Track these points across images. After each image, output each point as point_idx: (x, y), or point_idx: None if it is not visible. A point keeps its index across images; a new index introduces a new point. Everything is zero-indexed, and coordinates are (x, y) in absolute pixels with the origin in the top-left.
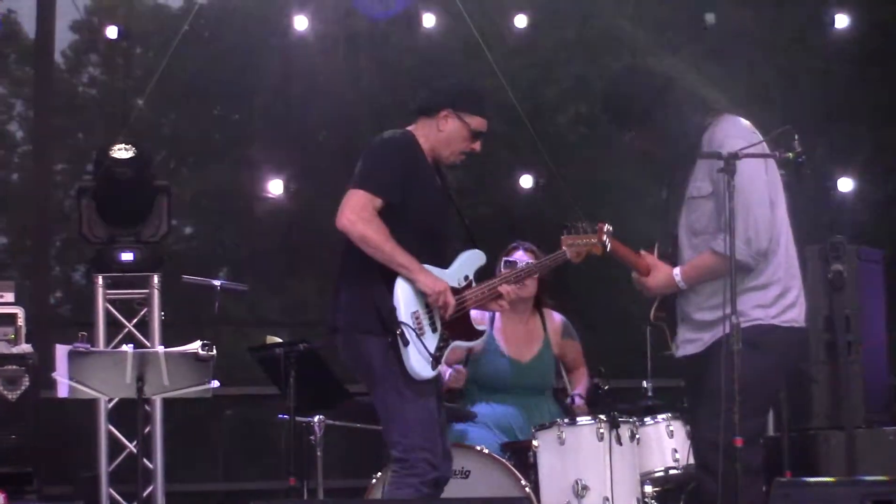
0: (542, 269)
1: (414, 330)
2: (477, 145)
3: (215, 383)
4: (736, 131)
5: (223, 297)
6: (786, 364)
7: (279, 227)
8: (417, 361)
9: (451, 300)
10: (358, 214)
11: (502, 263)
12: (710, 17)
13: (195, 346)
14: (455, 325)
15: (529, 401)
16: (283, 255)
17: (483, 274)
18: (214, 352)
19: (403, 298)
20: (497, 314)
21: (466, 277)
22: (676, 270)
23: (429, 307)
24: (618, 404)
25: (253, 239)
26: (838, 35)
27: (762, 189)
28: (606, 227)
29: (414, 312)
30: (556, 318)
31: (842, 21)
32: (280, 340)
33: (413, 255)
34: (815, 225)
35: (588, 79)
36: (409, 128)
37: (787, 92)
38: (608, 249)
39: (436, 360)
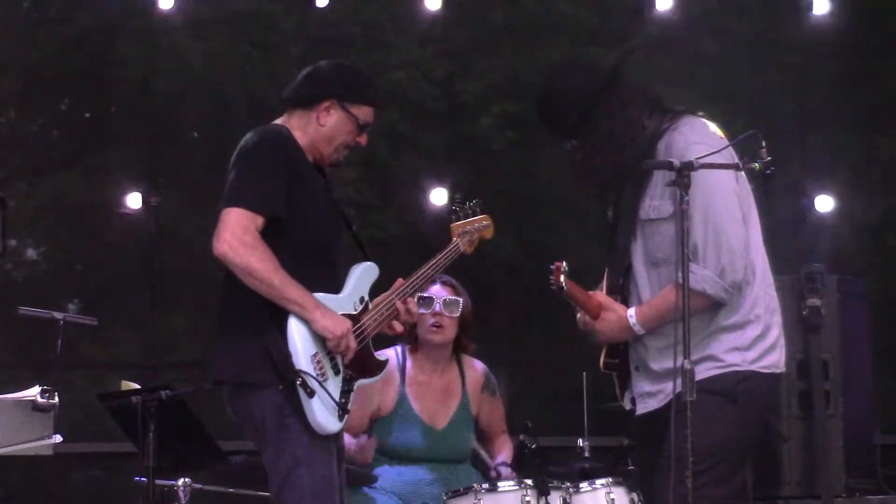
0: (437, 269)
1: (316, 378)
2: (363, 138)
3: (58, 438)
4: (699, 136)
5: (72, 333)
6: (764, 417)
7: (139, 249)
8: (323, 414)
9: (354, 343)
10: (240, 239)
11: (415, 299)
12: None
13: (33, 392)
14: (357, 361)
15: (442, 470)
16: (145, 284)
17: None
18: (57, 400)
19: (300, 341)
20: (409, 363)
21: (363, 299)
22: (631, 312)
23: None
24: (548, 467)
25: (108, 263)
26: (817, 23)
27: (733, 204)
28: (563, 265)
29: (314, 356)
30: (477, 367)
31: (821, 6)
32: (137, 386)
33: (302, 280)
34: (788, 252)
35: (517, 72)
36: (279, 121)
37: (755, 91)
38: (565, 292)
39: (342, 409)
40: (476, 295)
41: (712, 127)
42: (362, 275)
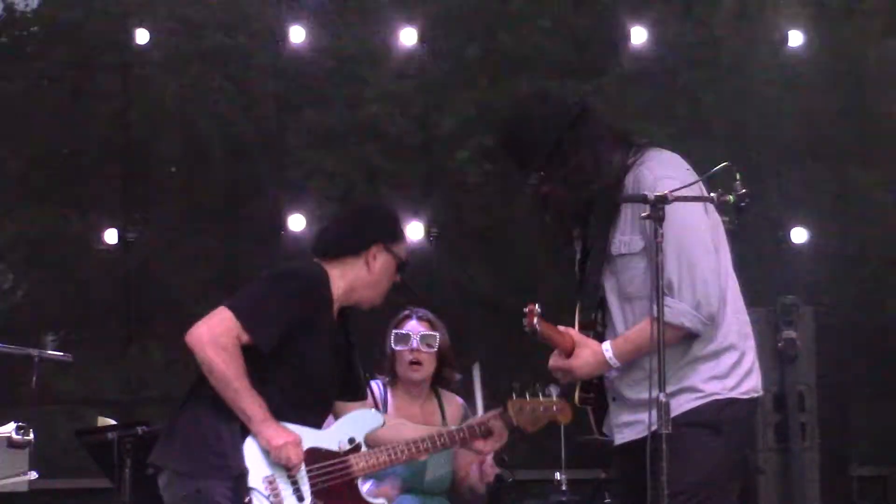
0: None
1: (267, 498)
2: (398, 276)
3: (33, 474)
4: (668, 170)
5: (48, 369)
6: (745, 442)
7: (116, 285)
8: None
9: (296, 454)
10: (214, 337)
11: (392, 336)
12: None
13: (8, 428)
14: (334, 495)
15: (425, 500)
16: (122, 319)
17: (373, 353)
18: (32, 436)
19: (255, 459)
20: (389, 396)
21: (353, 440)
22: (607, 346)
23: (291, 471)
24: (525, 501)
25: (85, 298)
26: (792, 55)
27: (705, 236)
28: (536, 308)
29: (267, 477)
30: (456, 401)
31: (796, 39)
32: (113, 422)
33: (276, 410)
34: (764, 283)
35: (493, 106)
36: (326, 265)
37: (731, 123)
38: (539, 333)
39: None
40: (452, 328)
41: (679, 159)
42: (358, 419)
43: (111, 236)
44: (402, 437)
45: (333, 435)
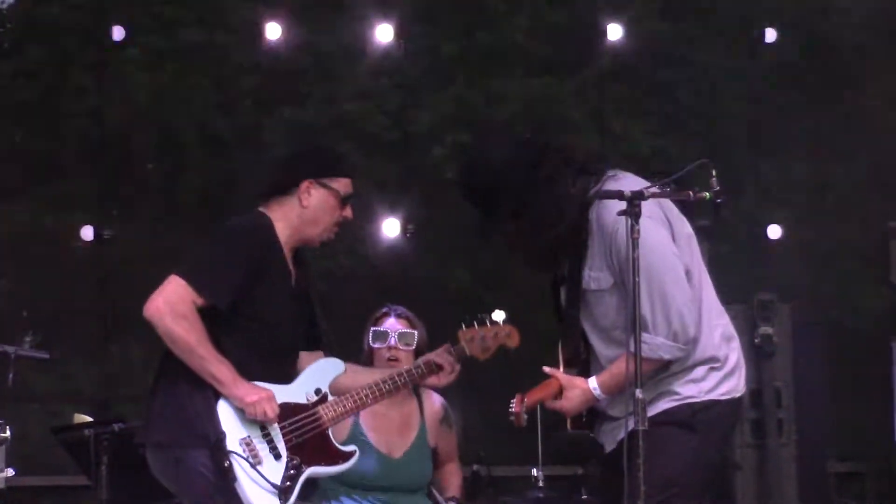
0: (423, 374)
1: (247, 459)
2: (347, 211)
3: (10, 471)
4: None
5: (25, 366)
6: (724, 442)
7: (93, 281)
8: (259, 497)
9: (271, 409)
10: (171, 306)
11: (370, 333)
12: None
13: None
14: (309, 448)
15: (400, 500)
16: (99, 316)
17: (350, 348)
18: (9, 433)
19: (229, 422)
20: None
21: (319, 391)
22: (594, 383)
23: (265, 429)
24: (502, 496)
25: (62, 296)
26: (769, 52)
27: (674, 263)
28: (523, 401)
29: (244, 439)
30: (435, 400)
31: (771, 35)
32: (90, 419)
33: (248, 371)
34: (740, 280)
35: (470, 103)
36: (263, 209)
37: (707, 119)
38: (529, 409)
39: (285, 493)
40: (430, 325)
41: (638, 181)
42: (321, 369)
43: (87, 233)
44: (360, 383)
45: (300, 388)
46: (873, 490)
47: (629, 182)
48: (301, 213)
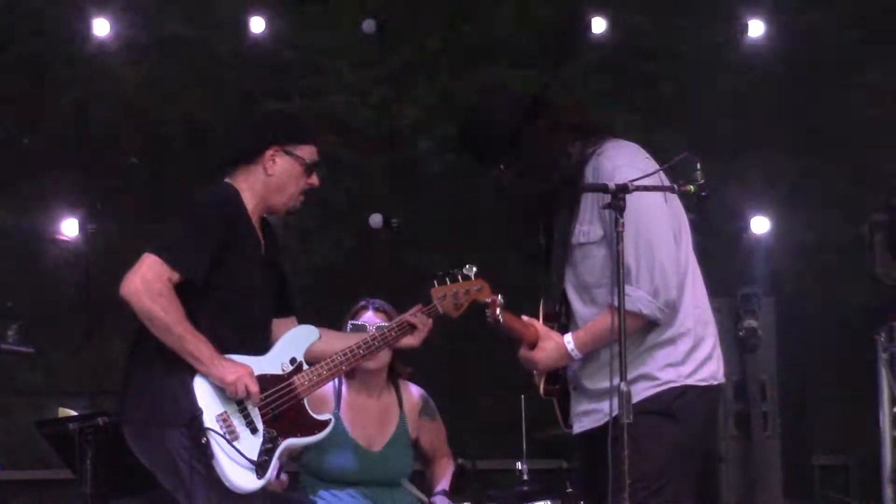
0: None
1: (224, 436)
2: (314, 179)
3: None
4: (627, 160)
5: (9, 360)
6: (706, 431)
7: (77, 276)
8: (236, 473)
9: (254, 385)
10: (147, 285)
11: (348, 327)
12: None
13: None
14: (285, 420)
15: (380, 494)
16: (83, 310)
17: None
18: None
19: (205, 399)
20: (345, 389)
21: (294, 360)
22: (569, 338)
23: (242, 404)
24: (487, 490)
25: (46, 290)
26: (752, 44)
27: (664, 224)
28: (499, 299)
29: (220, 415)
30: (413, 392)
31: (756, 28)
32: (74, 413)
33: (222, 343)
34: (725, 273)
35: (456, 96)
36: (229, 179)
37: (691, 112)
38: (501, 324)
39: (261, 467)
40: None
41: (638, 149)
42: (295, 337)
43: (71, 227)
44: (335, 349)
45: (276, 358)
46: (858, 483)
47: (626, 154)
48: (266, 182)
